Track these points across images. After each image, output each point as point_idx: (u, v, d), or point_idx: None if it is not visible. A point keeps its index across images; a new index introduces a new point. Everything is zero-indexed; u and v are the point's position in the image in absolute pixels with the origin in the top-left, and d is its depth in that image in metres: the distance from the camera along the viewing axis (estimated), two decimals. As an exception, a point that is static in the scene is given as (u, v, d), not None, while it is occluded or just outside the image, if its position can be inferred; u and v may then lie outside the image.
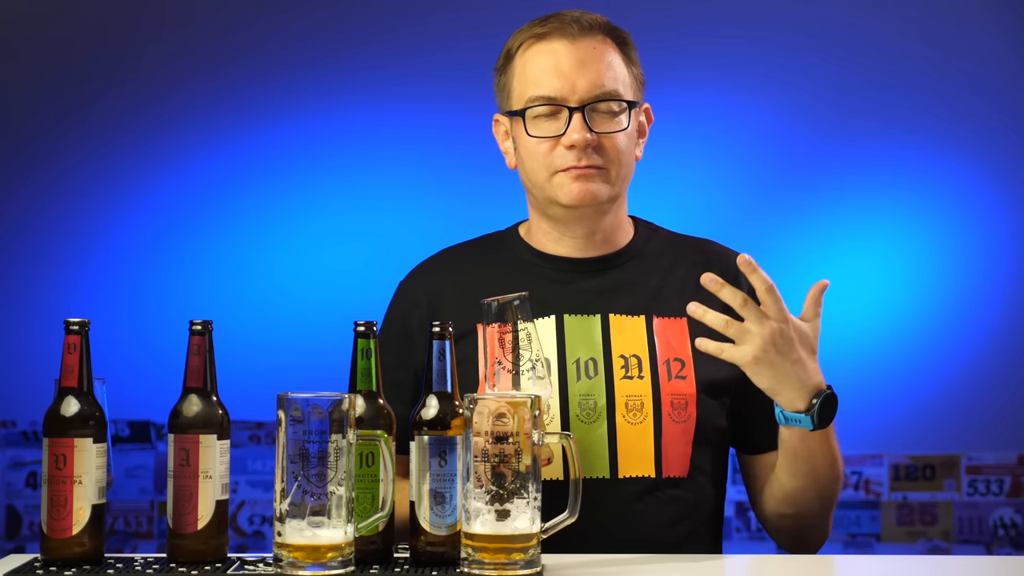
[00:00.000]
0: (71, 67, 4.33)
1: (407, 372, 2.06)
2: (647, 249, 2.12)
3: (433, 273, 2.14)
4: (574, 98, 2.01)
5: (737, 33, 4.28)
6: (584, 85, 2.01)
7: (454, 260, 2.15)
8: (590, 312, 2.05)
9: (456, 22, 4.26)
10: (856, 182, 4.29)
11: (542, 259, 2.11)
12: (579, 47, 2.03)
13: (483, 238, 2.19)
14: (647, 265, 2.10)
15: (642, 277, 2.09)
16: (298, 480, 1.64)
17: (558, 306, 2.05)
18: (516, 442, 1.64)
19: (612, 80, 2.03)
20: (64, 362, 1.72)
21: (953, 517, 4.23)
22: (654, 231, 2.16)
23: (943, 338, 4.26)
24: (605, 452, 1.99)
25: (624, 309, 2.06)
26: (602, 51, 2.04)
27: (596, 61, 2.02)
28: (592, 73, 2.01)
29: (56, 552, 1.71)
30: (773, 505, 2.03)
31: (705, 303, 1.90)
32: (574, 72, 2.01)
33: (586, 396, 2.01)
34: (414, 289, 2.13)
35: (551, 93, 2.02)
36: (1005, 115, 4.28)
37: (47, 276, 4.31)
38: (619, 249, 2.11)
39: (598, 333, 2.04)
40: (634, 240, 2.13)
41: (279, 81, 4.33)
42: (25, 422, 4.28)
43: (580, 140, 2.00)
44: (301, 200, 4.32)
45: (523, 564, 1.65)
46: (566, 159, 2.01)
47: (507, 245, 2.15)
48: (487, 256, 2.14)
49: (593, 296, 2.07)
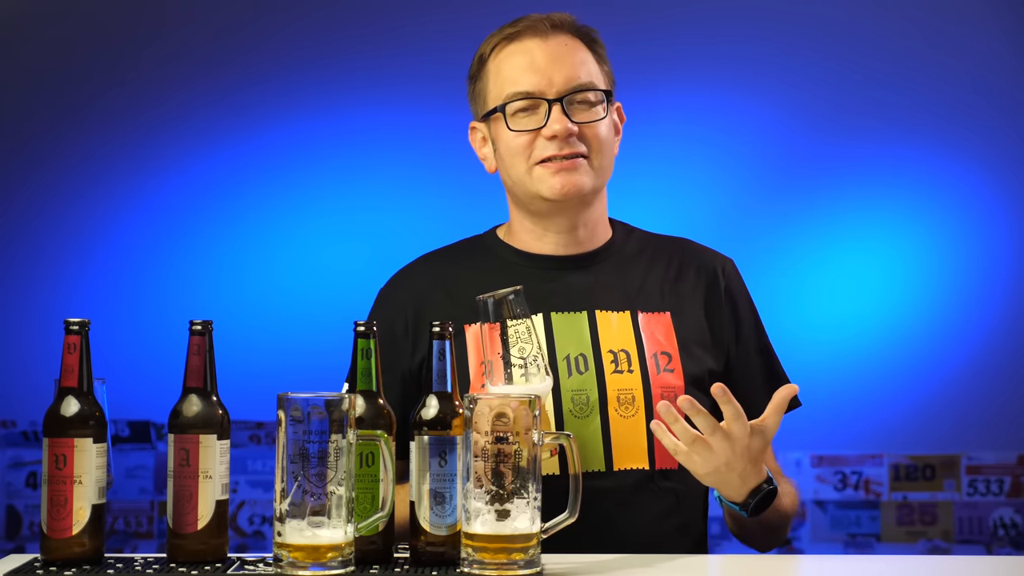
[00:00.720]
0: (71, 67, 4.33)
1: (394, 376, 2.07)
2: (626, 247, 2.15)
3: (417, 278, 2.15)
4: (551, 91, 2.04)
5: (737, 33, 4.28)
6: (560, 79, 2.05)
7: (436, 265, 2.16)
8: (577, 309, 2.08)
9: (454, 22, 4.26)
10: (856, 182, 4.29)
11: (525, 259, 2.13)
12: (551, 44, 2.07)
13: (461, 243, 2.21)
14: (627, 262, 2.13)
15: (624, 274, 2.12)
16: (298, 480, 1.64)
17: (545, 304, 2.08)
18: (516, 442, 1.65)
19: (587, 73, 2.07)
20: (64, 362, 1.72)
21: (953, 517, 4.23)
22: (630, 231, 2.19)
23: (943, 338, 4.26)
24: (600, 446, 2.01)
25: (609, 305, 2.08)
26: (573, 47, 2.08)
27: (569, 56, 2.06)
28: (567, 67, 2.05)
29: (56, 552, 1.71)
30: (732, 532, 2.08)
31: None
32: (549, 67, 2.05)
33: (578, 391, 2.03)
34: (397, 294, 2.14)
35: (529, 88, 2.05)
36: (1005, 115, 4.28)
37: (47, 276, 4.31)
38: (600, 246, 2.14)
39: (586, 329, 2.06)
40: (613, 238, 2.16)
41: (278, 81, 4.33)
42: (25, 422, 4.28)
43: (562, 130, 2.03)
44: (300, 200, 4.32)
45: (523, 564, 1.65)
46: (547, 149, 2.04)
47: (488, 248, 2.16)
48: (470, 259, 2.16)
49: (578, 293, 2.09)
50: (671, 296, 2.09)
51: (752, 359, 2.12)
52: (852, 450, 4.22)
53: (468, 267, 2.13)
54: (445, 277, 2.12)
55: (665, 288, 2.10)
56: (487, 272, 2.11)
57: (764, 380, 2.12)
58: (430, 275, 2.14)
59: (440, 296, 2.10)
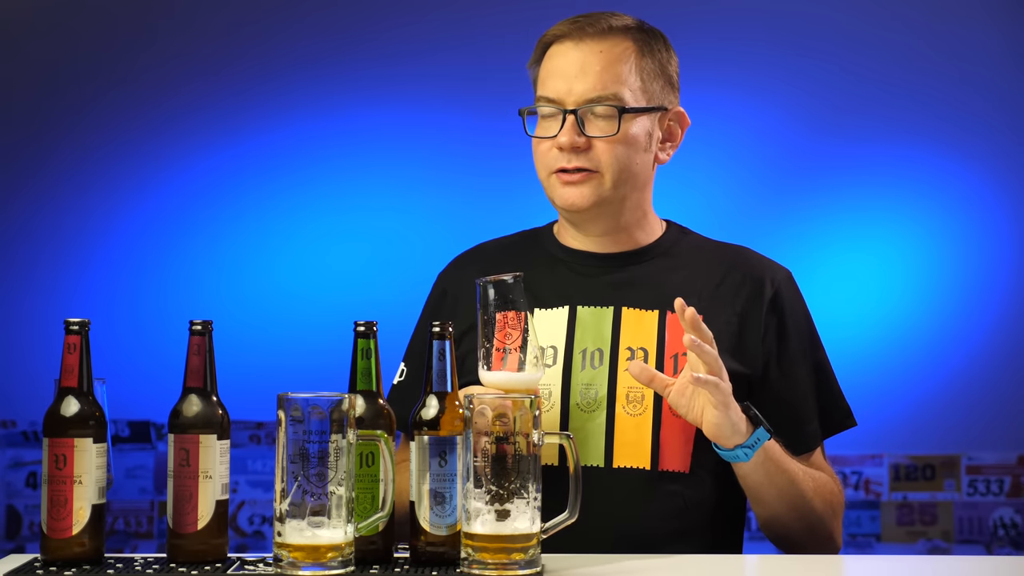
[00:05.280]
0: (71, 67, 4.33)
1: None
2: (673, 249, 2.13)
3: (463, 267, 2.17)
4: (570, 100, 2.03)
5: (737, 33, 4.28)
6: (580, 89, 2.03)
7: (485, 255, 2.18)
8: (604, 304, 2.07)
9: (456, 23, 4.26)
10: (856, 182, 4.29)
11: (567, 254, 2.13)
12: (584, 50, 2.04)
13: (520, 234, 2.22)
14: (670, 264, 2.12)
15: (663, 274, 2.10)
16: (298, 480, 1.64)
17: (573, 297, 2.08)
18: (516, 442, 1.65)
19: (613, 83, 2.03)
20: (64, 362, 1.72)
21: (953, 517, 4.23)
22: (685, 234, 2.17)
23: (943, 338, 4.26)
24: (601, 441, 2.01)
25: (638, 303, 2.07)
26: (609, 55, 2.04)
27: (598, 64, 2.03)
28: (591, 77, 2.03)
29: (56, 552, 1.71)
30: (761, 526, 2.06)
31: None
32: (574, 75, 2.03)
33: (588, 385, 2.03)
34: (445, 281, 2.18)
35: (552, 95, 2.04)
36: (1005, 114, 4.28)
37: (47, 276, 4.31)
38: (643, 246, 2.12)
39: (608, 325, 2.06)
40: (661, 239, 2.14)
41: (279, 81, 4.33)
42: (25, 422, 4.28)
43: (567, 143, 2.02)
44: (301, 200, 4.32)
45: (523, 564, 1.65)
46: (558, 160, 2.04)
47: (539, 241, 2.17)
48: (518, 252, 2.17)
49: (608, 288, 2.08)
50: (707, 301, 2.06)
51: (799, 372, 2.08)
52: (852, 450, 4.22)
53: (514, 260, 2.13)
54: (489, 268, 2.11)
55: (703, 293, 2.08)
56: (531, 265, 2.10)
57: (813, 396, 2.09)
58: (477, 265, 2.14)
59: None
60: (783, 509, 1.99)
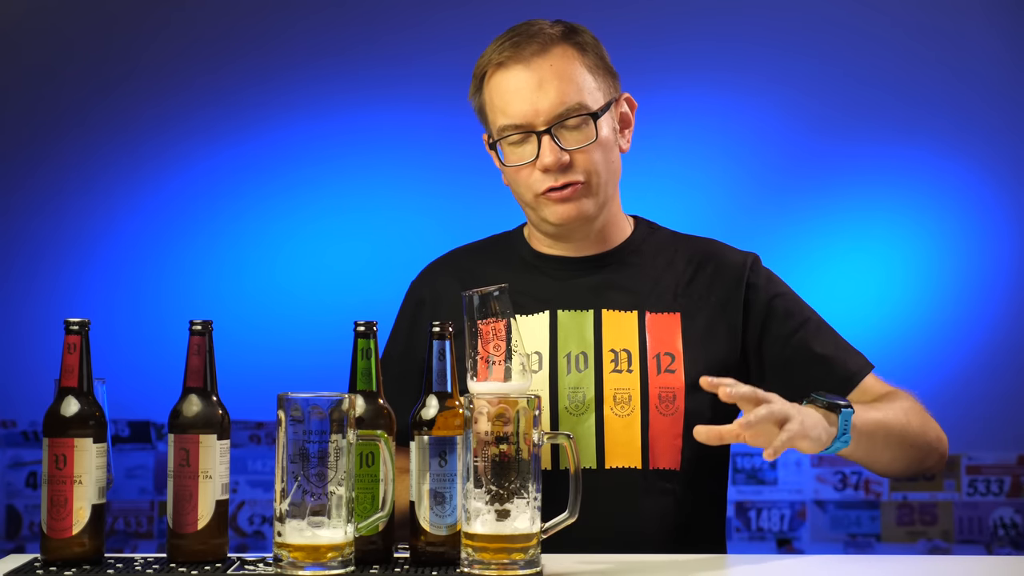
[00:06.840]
0: (71, 67, 4.33)
1: (414, 364, 2.09)
2: (644, 246, 2.15)
3: (439, 272, 2.19)
4: (539, 121, 2.03)
5: (737, 33, 4.28)
6: (546, 106, 2.03)
7: (461, 260, 2.20)
8: (584, 307, 2.09)
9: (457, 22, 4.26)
10: (856, 182, 4.29)
11: (541, 260, 2.15)
12: (534, 69, 2.04)
13: (492, 238, 2.23)
14: (644, 262, 2.14)
15: (638, 273, 2.12)
16: (298, 480, 1.64)
17: (553, 302, 2.09)
18: (516, 442, 1.65)
19: (575, 92, 2.04)
20: (64, 362, 1.72)
21: (953, 517, 4.23)
22: (654, 230, 2.19)
23: (943, 338, 4.26)
24: (593, 443, 2.03)
25: (617, 304, 2.09)
26: (560, 67, 2.05)
27: (555, 78, 2.03)
28: (552, 92, 2.03)
29: (56, 552, 1.71)
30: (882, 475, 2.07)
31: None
32: (534, 95, 2.03)
33: (575, 389, 2.04)
34: (421, 288, 2.18)
35: (518, 120, 2.04)
36: (1005, 114, 4.28)
37: (47, 276, 4.31)
38: (615, 246, 2.14)
39: (590, 328, 2.07)
40: (631, 238, 2.16)
41: (279, 81, 4.32)
42: (25, 422, 4.28)
43: (553, 163, 2.03)
44: (301, 200, 4.32)
45: (523, 564, 1.65)
46: (545, 181, 2.05)
47: (512, 245, 2.19)
48: (493, 256, 2.18)
49: (587, 292, 2.10)
50: (683, 297, 2.10)
51: (808, 330, 2.09)
52: (852, 450, 4.21)
53: (491, 263, 2.16)
54: (466, 273, 2.14)
55: (679, 289, 2.11)
56: (507, 271, 2.12)
57: (832, 341, 2.11)
58: (453, 270, 2.17)
59: (457, 290, 2.10)
60: (898, 452, 2.00)
